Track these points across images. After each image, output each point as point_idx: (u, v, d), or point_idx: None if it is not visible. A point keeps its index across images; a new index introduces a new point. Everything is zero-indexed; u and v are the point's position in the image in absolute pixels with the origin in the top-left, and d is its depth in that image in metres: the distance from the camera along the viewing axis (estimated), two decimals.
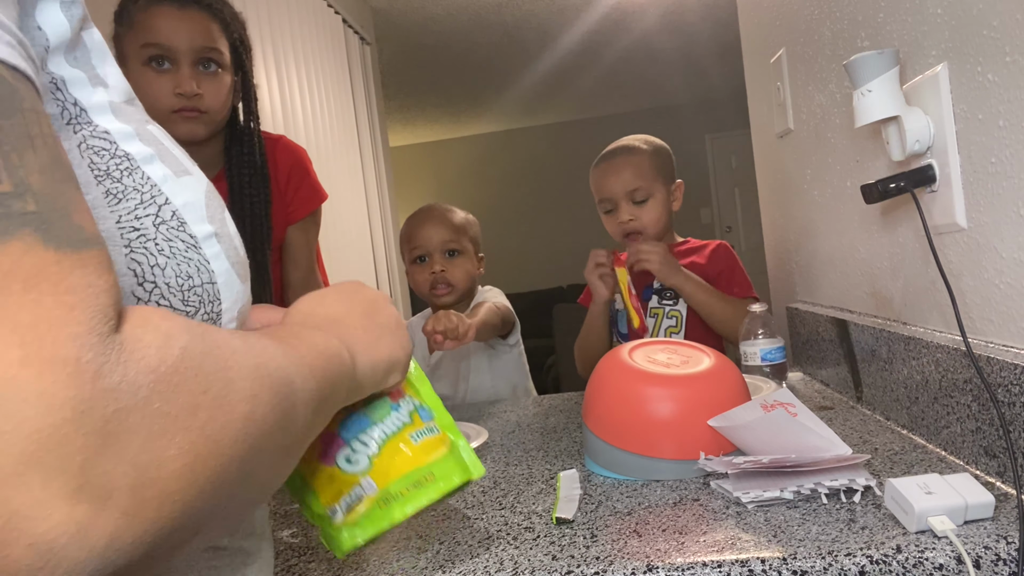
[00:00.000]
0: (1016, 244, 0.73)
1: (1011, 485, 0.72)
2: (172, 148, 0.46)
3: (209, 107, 1.23)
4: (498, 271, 6.97)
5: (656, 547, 0.68)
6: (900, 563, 0.61)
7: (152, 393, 0.29)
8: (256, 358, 0.36)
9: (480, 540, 0.75)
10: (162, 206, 0.42)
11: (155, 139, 0.45)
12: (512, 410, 1.39)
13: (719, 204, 6.77)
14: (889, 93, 0.87)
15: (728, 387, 0.89)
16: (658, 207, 1.48)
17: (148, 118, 0.47)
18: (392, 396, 0.62)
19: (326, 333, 0.48)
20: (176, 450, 0.29)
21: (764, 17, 1.57)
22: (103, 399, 0.27)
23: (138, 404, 0.28)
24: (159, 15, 1.18)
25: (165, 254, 0.41)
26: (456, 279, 1.57)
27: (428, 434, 0.62)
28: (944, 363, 0.84)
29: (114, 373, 0.28)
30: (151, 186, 0.42)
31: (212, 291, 0.43)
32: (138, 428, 0.28)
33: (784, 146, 1.52)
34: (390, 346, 0.56)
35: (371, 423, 0.61)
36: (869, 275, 1.12)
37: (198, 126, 1.23)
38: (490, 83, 5.44)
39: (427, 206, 1.65)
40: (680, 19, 4.29)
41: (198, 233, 0.43)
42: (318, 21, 2.98)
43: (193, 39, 1.20)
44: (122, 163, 0.41)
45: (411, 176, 7.11)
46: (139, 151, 0.42)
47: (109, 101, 0.42)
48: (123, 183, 0.41)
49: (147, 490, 0.28)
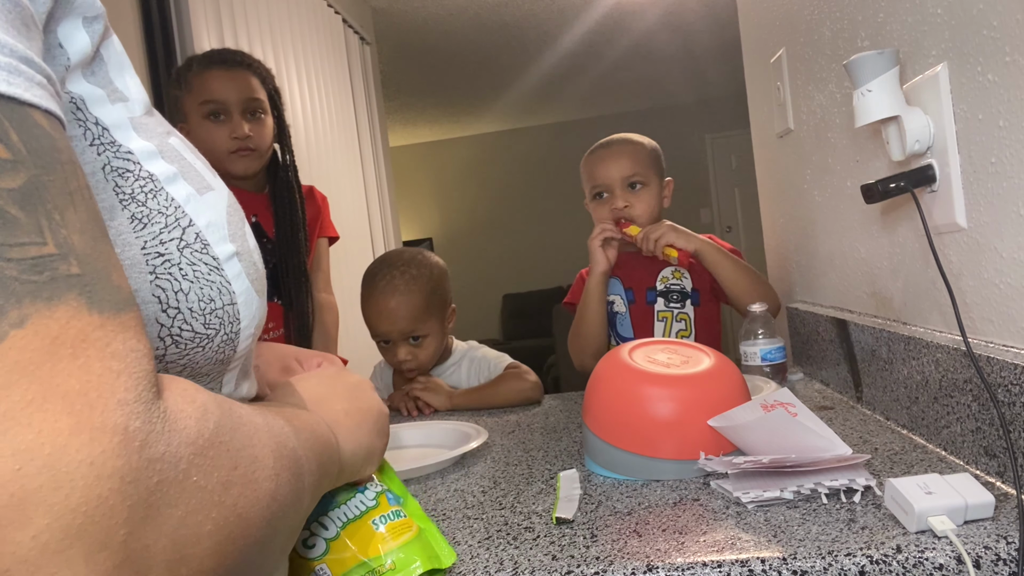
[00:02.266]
0: (1016, 244, 0.73)
1: (1011, 485, 0.72)
2: (195, 161, 0.45)
3: (258, 146, 1.50)
4: (498, 271, 6.97)
5: (656, 547, 0.68)
6: (900, 563, 0.61)
7: (191, 466, 0.28)
8: (275, 436, 0.36)
9: (480, 540, 0.75)
10: (186, 228, 0.41)
11: (177, 154, 0.43)
12: (512, 410, 1.39)
13: (719, 204, 6.76)
14: (889, 93, 0.87)
15: (728, 387, 0.89)
16: (652, 197, 1.48)
17: (170, 128, 0.45)
18: (359, 482, 0.60)
19: (317, 416, 0.48)
20: (212, 526, 0.29)
21: (764, 17, 1.57)
22: (148, 470, 0.27)
23: (178, 477, 0.28)
24: (213, 77, 1.47)
25: (189, 278, 0.40)
26: (423, 362, 1.46)
27: (393, 518, 0.59)
28: (944, 363, 0.84)
29: (159, 443, 0.27)
30: (175, 208, 0.41)
31: (233, 312, 0.43)
32: (178, 501, 0.28)
33: (784, 146, 1.52)
34: (370, 434, 0.55)
35: (334, 504, 0.58)
36: (869, 275, 1.12)
37: (252, 162, 1.51)
38: (490, 83, 5.44)
39: (386, 272, 1.44)
40: (680, 19, 4.29)
41: (220, 254, 0.43)
42: (318, 21, 2.98)
43: (241, 93, 1.48)
44: (146, 185, 0.40)
45: (411, 176, 7.11)
46: (163, 171, 0.41)
47: (130, 117, 0.41)
48: (148, 206, 0.39)
49: (183, 567, 0.28)
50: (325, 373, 0.58)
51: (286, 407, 0.47)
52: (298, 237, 1.57)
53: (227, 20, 2.23)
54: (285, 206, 1.57)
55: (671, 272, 1.50)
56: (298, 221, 1.57)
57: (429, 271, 1.46)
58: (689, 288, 1.49)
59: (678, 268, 1.50)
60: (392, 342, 1.44)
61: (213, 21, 2.17)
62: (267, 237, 1.56)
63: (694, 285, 1.49)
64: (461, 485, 0.95)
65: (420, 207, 7.21)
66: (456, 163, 7.15)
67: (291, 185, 1.59)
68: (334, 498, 0.58)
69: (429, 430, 1.21)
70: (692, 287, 1.49)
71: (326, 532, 0.57)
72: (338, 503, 0.58)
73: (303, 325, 1.60)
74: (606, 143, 1.53)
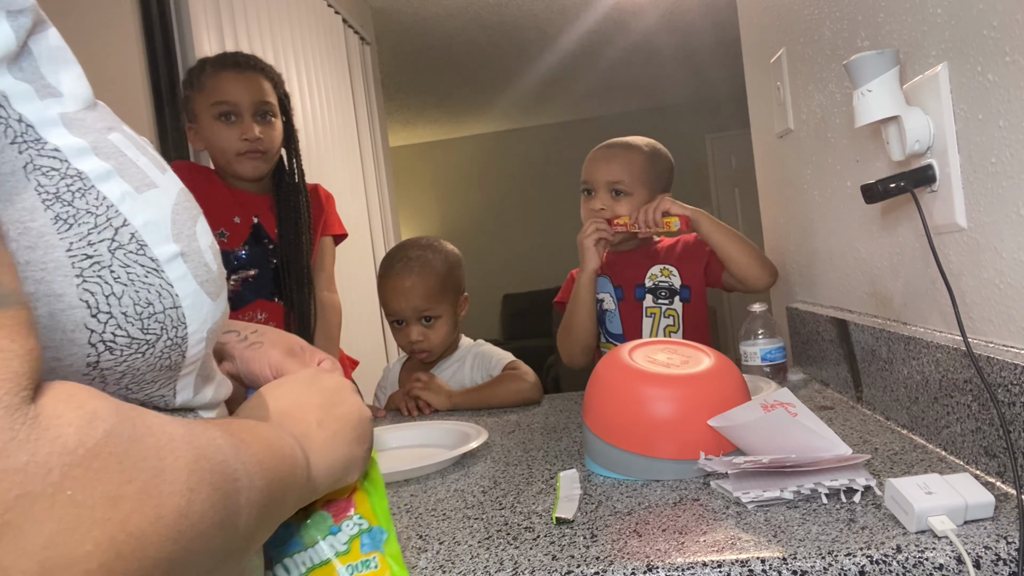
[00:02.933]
0: (1016, 244, 0.73)
1: (1011, 485, 0.72)
2: (138, 157, 0.42)
3: (268, 148, 1.51)
4: (498, 271, 6.97)
5: (656, 547, 0.68)
6: (900, 563, 0.61)
7: (64, 479, 0.26)
8: (197, 449, 0.33)
9: (480, 540, 0.75)
10: (119, 229, 0.38)
11: (116, 151, 0.41)
12: (512, 410, 1.39)
13: (719, 204, 6.76)
14: (889, 93, 0.87)
15: (728, 387, 0.89)
16: (634, 207, 1.45)
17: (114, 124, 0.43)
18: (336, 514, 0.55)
19: (279, 430, 0.45)
20: (92, 545, 0.26)
21: (764, 17, 1.57)
22: (3, 481, 0.24)
23: (46, 490, 0.25)
24: (225, 79, 1.48)
25: (122, 281, 0.38)
26: (434, 344, 1.50)
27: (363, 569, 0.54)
28: (944, 363, 0.84)
29: (21, 452, 0.25)
30: (107, 207, 0.38)
31: (176, 315, 0.40)
32: (46, 518, 0.25)
33: (784, 146, 1.52)
34: (348, 443, 0.52)
35: (302, 546, 0.54)
36: (869, 275, 1.12)
37: (262, 163, 1.52)
38: (490, 83, 5.44)
39: (403, 255, 1.52)
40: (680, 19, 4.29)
41: (160, 256, 0.40)
42: (318, 21, 2.98)
43: (252, 95, 1.49)
44: (74, 183, 0.38)
45: (411, 176, 7.11)
46: (94, 168, 0.39)
47: (61, 113, 0.39)
48: (74, 206, 0.37)
49: None
50: (300, 378, 0.55)
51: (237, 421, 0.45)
52: (301, 240, 1.58)
53: (227, 20, 2.23)
54: (290, 209, 1.57)
55: (659, 270, 1.51)
56: (302, 224, 1.58)
57: (445, 255, 1.54)
58: (678, 285, 1.50)
59: (666, 267, 1.50)
60: (405, 322, 1.49)
61: (213, 21, 2.17)
62: (268, 238, 1.56)
63: (683, 282, 1.49)
64: (461, 485, 0.95)
65: (420, 207, 7.21)
66: (456, 163, 7.15)
67: (297, 189, 1.60)
68: (300, 537, 0.54)
69: (429, 430, 1.21)
70: (681, 283, 1.50)
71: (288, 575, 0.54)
72: (305, 544, 0.54)
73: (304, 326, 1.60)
74: (608, 143, 1.53)
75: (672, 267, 1.50)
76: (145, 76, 1.91)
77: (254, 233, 1.54)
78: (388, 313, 1.52)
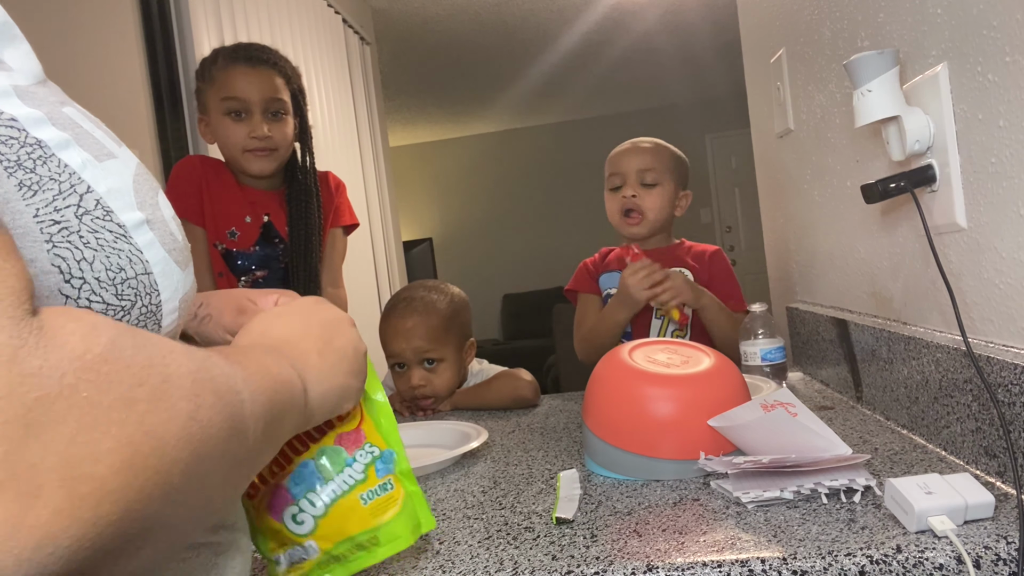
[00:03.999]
0: (1016, 244, 0.73)
1: (1011, 485, 0.72)
2: (94, 130, 0.43)
3: (278, 145, 1.48)
4: (498, 271, 6.97)
5: (656, 547, 0.68)
6: (900, 563, 0.61)
7: (79, 381, 0.27)
8: (196, 363, 0.34)
9: (480, 540, 0.75)
10: (84, 195, 0.39)
11: (72, 122, 0.41)
12: (512, 410, 1.39)
13: (719, 204, 6.77)
14: (889, 93, 0.87)
15: (728, 387, 0.89)
16: (663, 197, 1.50)
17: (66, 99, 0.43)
18: (349, 446, 0.59)
19: (278, 357, 0.46)
20: (112, 443, 0.27)
21: (764, 17, 1.57)
22: (23, 384, 0.25)
23: (64, 392, 0.26)
24: (235, 73, 1.44)
25: (92, 247, 0.38)
26: (437, 390, 1.42)
27: (381, 492, 0.60)
28: (944, 363, 0.84)
29: (33, 357, 0.26)
30: (69, 174, 0.39)
31: (148, 282, 0.40)
32: (65, 418, 0.26)
33: (784, 146, 1.52)
34: (345, 374, 0.53)
35: (323, 481, 0.58)
36: (869, 275, 1.12)
37: (269, 162, 1.48)
38: (490, 83, 5.44)
39: (407, 295, 1.46)
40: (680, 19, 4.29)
41: (127, 221, 0.40)
42: (318, 21, 2.98)
43: (263, 92, 1.45)
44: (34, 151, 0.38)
45: (411, 176, 7.11)
46: (52, 137, 0.39)
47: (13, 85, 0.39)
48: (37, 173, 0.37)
49: (82, 485, 0.26)
50: (299, 307, 0.55)
51: (235, 348, 0.45)
52: (312, 242, 1.55)
53: (227, 20, 2.23)
54: (301, 209, 1.54)
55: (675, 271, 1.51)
56: (313, 225, 1.54)
57: (450, 297, 1.46)
58: None
59: (681, 270, 1.50)
60: (407, 366, 1.41)
61: (213, 21, 2.17)
62: (279, 237, 1.54)
63: None
64: (461, 485, 0.95)
65: (420, 207, 7.21)
66: (456, 163, 7.15)
67: (309, 189, 1.56)
68: (319, 473, 0.58)
69: (429, 430, 1.21)
70: None
71: (313, 509, 0.57)
72: (326, 479, 0.58)
73: None
74: (634, 140, 1.57)
75: (689, 272, 1.51)
76: (145, 76, 1.91)
77: (264, 233, 1.52)
78: (389, 356, 1.44)
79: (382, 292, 3.30)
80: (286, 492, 0.58)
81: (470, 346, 1.48)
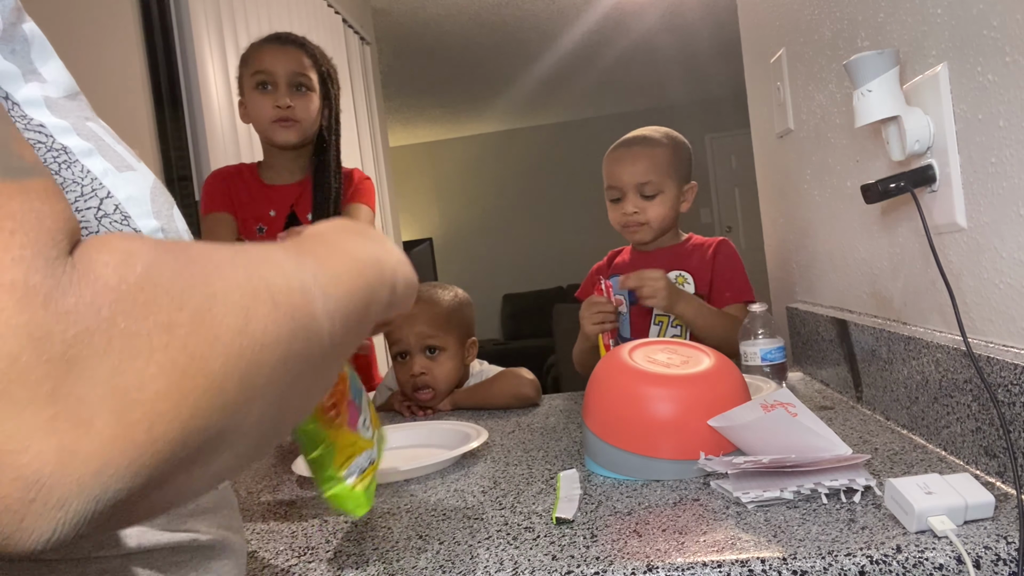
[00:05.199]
0: (1016, 244, 0.73)
1: (1011, 485, 0.72)
2: (115, 145, 0.45)
3: (301, 118, 1.54)
4: (498, 271, 6.97)
5: (656, 547, 0.68)
6: (900, 563, 0.61)
7: (116, 313, 0.27)
8: (248, 268, 0.34)
9: (480, 540, 0.75)
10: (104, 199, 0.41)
11: (95, 135, 0.44)
12: (512, 410, 1.39)
13: (719, 204, 6.77)
14: (889, 93, 0.87)
15: (728, 387, 0.89)
16: (666, 204, 1.46)
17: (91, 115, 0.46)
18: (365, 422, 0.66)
19: (356, 236, 0.47)
20: (155, 368, 0.28)
21: (764, 17, 1.57)
22: (60, 322, 0.26)
23: (101, 325, 0.27)
24: (265, 51, 1.56)
25: None
26: (438, 380, 1.43)
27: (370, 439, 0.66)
28: (944, 363, 0.84)
29: (67, 295, 0.26)
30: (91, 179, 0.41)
31: None
32: (107, 350, 0.27)
33: (784, 146, 1.52)
34: (405, 265, 0.53)
35: (360, 388, 0.63)
36: (869, 275, 1.12)
37: (291, 133, 1.55)
38: (490, 83, 5.44)
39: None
40: (680, 19, 4.29)
41: (144, 228, 0.42)
42: (318, 21, 2.98)
43: (288, 66, 1.54)
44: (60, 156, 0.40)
45: (411, 176, 7.11)
46: (77, 145, 0.41)
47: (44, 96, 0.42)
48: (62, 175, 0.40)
49: (131, 412, 0.27)
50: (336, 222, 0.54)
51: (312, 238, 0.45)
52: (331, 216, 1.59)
53: (227, 20, 2.23)
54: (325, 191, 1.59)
55: (675, 276, 1.50)
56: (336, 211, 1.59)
57: (454, 293, 1.50)
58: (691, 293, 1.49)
59: (681, 273, 1.49)
60: (409, 354, 1.43)
61: (213, 21, 2.17)
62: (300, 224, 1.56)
63: (697, 291, 1.48)
64: (461, 485, 0.95)
65: (420, 207, 7.21)
66: (456, 163, 7.15)
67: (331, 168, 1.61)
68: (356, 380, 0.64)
69: (429, 430, 1.21)
70: (695, 292, 1.49)
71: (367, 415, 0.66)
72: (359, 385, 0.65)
73: None
74: (627, 141, 1.50)
75: (688, 274, 1.48)
76: (145, 76, 1.91)
77: (289, 224, 1.56)
78: (392, 344, 1.46)
79: None
80: (354, 404, 0.62)
81: (472, 344, 1.50)
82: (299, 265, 0.37)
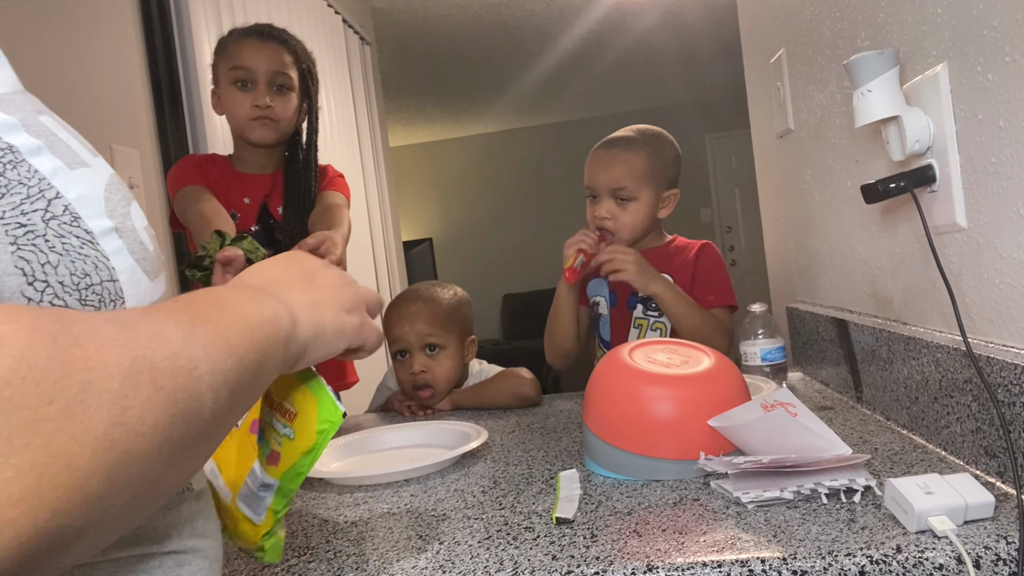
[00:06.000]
0: (1016, 244, 0.73)
1: (1011, 485, 0.72)
2: (69, 139, 0.43)
3: (279, 117, 1.51)
4: (498, 271, 6.97)
5: (656, 547, 0.68)
6: (900, 563, 0.61)
7: None
8: (136, 349, 0.32)
9: (480, 540, 0.75)
10: (52, 200, 0.39)
11: (47, 130, 0.42)
12: (512, 410, 1.39)
13: (719, 204, 6.77)
14: (889, 93, 0.87)
15: (728, 387, 0.89)
16: (640, 212, 1.41)
17: (43, 109, 0.44)
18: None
19: (256, 293, 0.45)
20: (12, 472, 0.26)
21: (764, 17, 1.57)
22: None
23: None
24: (245, 45, 1.50)
25: (57, 251, 0.38)
26: (438, 378, 1.43)
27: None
28: (944, 363, 0.84)
29: None
30: (39, 179, 0.39)
31: (114, 289, 0.40)
32: None
33: (784, 146, 1.52)
34: (334, 308, 0.52)
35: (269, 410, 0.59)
36: (869, 275, 1.12)
37: (269, 132, 1.52)
38: (490, 83, 5.44)
39: (412, 288, 1.53)
40: (680, 19, 4.29)
41: (95, 228, 0.41)
42: (318, 21, 2.98)
43: (269, 65, 1.50)
44: (4, 156, 0.39)
45: (411, 176, 7.11)
46: (24, 143, 0.40)
47: None
48: (6, 176, 0.38)
49: None
50: (279, 258, 0.55)
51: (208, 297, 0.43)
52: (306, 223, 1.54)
53: (227, 20, 2.23)
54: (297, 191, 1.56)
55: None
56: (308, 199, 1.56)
57: (454, 291, 1.52)
58: None
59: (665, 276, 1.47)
60: (409, 353, 1.43)
61: (213, 21, 2.17)
62: (273, 219, 1.54)
63: None
64: (461, 485, 0.95)
65: (420, 207, 7.21)
66: (456, 163, 7.15)
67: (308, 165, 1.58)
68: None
69: (429, 430, 1.21)
70: None
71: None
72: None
73: None
74: (608, 143, 1.47)
75: (670, 277, 1.44)
76: (145, 76, 1.91)
77: (261, 215, 1.54)
78: (392, 343, 1.46)
79: (382, 292, 3.30)
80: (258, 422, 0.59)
81: (471, 343, 1.50)
82: (189, 337, 0.36)
